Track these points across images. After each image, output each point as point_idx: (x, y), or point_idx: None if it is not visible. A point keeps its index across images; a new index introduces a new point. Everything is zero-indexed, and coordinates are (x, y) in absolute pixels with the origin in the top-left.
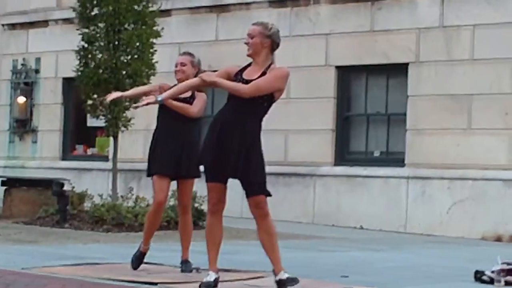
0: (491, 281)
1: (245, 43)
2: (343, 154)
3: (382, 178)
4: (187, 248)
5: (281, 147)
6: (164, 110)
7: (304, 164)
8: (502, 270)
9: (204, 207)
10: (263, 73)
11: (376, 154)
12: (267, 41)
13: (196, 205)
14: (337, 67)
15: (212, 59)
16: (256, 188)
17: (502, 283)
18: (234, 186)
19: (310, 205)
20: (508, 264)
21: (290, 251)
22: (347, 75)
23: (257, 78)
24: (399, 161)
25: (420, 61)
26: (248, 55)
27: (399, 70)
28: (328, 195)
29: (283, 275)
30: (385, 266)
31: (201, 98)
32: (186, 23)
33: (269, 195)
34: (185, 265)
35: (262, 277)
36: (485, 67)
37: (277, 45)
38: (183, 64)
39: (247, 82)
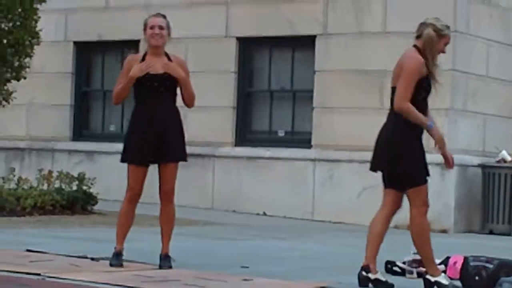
0: (403, 272)
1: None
2: (245, 134)
3: (286, 160)
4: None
5: None
6: (150, 87)
7: (202, 144)
8: (415, 261)
9: (93, 190)
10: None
11: (281, 134)
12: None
13: (84, 188)
14: (238, 39)
15: (103, 28)
16: None
17: (414, 274)
18: (124, 167)
19: (209, 189)
20: (417, 255)
21: (186, 239)
22: (249, 48)
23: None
24: (305, 142)
25: (328, 33)
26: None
27: (306, 42)
28: (228, 178)
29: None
30: (289, 255)
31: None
32: None
33: None
34: (164, 261)
35: (157, 268)
36: (398, 41)
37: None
38: (161, 28)
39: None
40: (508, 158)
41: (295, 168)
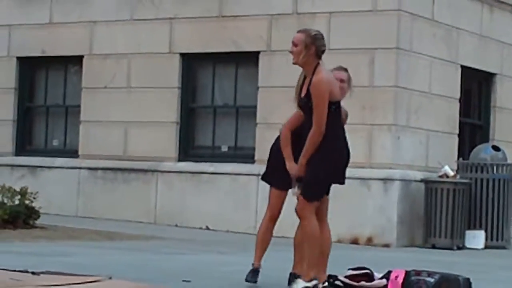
0: (345, 286)
1: (290, 52)
2: (188, 149)
3: (230, 175)
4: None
5: (120, 140)
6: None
7: (146, 159)
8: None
9: (36, 204)
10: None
11: (224, 149)
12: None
13: (26, 202)
14: (182, 55)
15: (46, 44)
16: None
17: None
18: (66, 181)
19: (152, 204)
20: (359, 269)
21: (128, 253)
22: (192, 64)
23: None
24: (248, 157)
25: (271, 50)
26: (294, 63)
27: (249, 59)
28: (171, 193)
29: None
30: (232, 270)
31: None
32: (17, 2)
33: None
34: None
35: (98, 281)
36: (341, 58)
37: (322, 52)
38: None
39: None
40: (451, 173)
41: (238, 183)
